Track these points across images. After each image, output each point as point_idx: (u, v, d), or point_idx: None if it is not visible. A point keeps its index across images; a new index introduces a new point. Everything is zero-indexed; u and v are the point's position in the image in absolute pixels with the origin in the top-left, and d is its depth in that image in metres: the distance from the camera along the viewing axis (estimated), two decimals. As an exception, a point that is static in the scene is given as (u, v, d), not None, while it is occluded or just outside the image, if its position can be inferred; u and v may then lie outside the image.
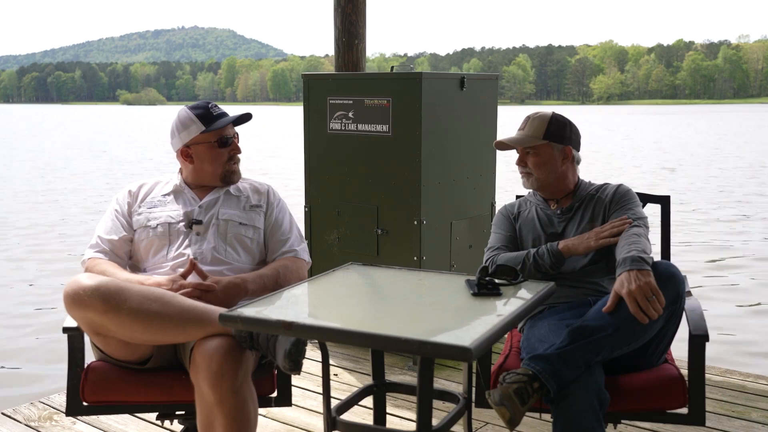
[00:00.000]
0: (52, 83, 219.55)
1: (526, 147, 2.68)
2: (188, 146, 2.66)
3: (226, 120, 2.64)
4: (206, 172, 2.68)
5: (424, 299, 2.21)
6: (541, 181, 2.69)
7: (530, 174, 2.70)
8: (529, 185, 2.74)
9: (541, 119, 2.68)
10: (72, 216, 12.85)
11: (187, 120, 2.64)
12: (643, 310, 2.18)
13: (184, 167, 2.72)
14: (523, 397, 2.13)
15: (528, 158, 2.69)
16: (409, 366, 3.87)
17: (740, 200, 14.41)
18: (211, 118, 2.63)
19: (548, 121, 2.67)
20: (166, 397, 2.36)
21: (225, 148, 2.66)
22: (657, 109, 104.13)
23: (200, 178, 2.70)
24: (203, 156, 2.66)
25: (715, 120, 58.59)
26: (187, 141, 2.64)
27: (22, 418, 3.29)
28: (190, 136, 2.63)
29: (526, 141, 2.67)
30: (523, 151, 2.70)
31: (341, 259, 3.52)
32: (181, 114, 2.66)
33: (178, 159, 2.72)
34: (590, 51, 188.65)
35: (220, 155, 2.66)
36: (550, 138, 2.65)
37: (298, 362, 2.12)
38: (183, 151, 2.67)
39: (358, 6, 4.44)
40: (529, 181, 2.72)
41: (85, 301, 2.18)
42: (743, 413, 3.30)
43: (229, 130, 2.67)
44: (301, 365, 2.14)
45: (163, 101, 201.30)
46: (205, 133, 2.62)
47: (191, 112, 2.64)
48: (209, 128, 2.62)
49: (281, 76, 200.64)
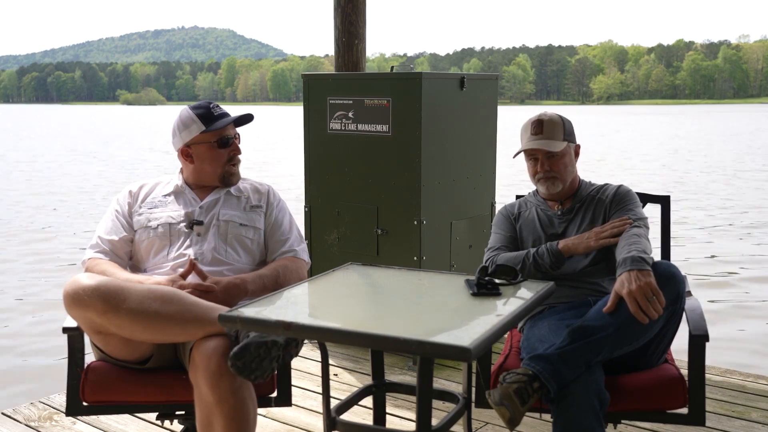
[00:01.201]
0: (52, 83, 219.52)
1: (553, 151, 2.63)
2: (188, 146, 2.66)
3: (226, 120, 2.64)
4: (206, 172, 2.68)
5: (424, 299, 2.21)
6: (566, 182, 2.67)
7: (556, 178, 2.65)
8: (554, 189, 2.67)
9: (555, 121, 2.66)
10: (73, 216, 12.86)
11: (188, 119, 2.64)
12: (644, 310, 2.18)
13: (185, 167, 2.73)
14: (523, 397, 2.13)
15: (553, 162, 2.64)
16: (409, 366, 3.87)
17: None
18: (211, 118, 2.63)
19: (561, 122, 2.67)
20: (166, 397, 2.36)
21: (225, 149, 2.66)
22: (658, 110, 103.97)
23: (200, 178, 2.70)
24: (203, 156, 2.66)
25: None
26: (188, 140, 2.64)
27: (22, 418, 3.29)
28: (191, 136, 2.63)
29: (557, 145, 2.62)
30: (549, 155, 2.64)
31: (341, 259, 3.52)
32: (182, 113, 2.67)
33: (179, 158, 2.72)
34: (590, 51, 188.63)
35: (219, 156, 2.66)
36: (566, 138, 2.66)
37: (237, 367, 2.05)
38: (183, 150, 2.67)
39: (358, 6, 4.43)
40: (555, 185, 2.66)
41: (84, 301, 2.18)
42: (743, 413, 3.30)
43: (229, 130, 2.67)
44: (246, 371, 2.06)
45: (163, 101, 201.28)
46: (206, 133, 2.62)
47: (192, 111, 2.64)
48: (209, 128, 2.62)
49: (281, 76, 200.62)
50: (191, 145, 2.65)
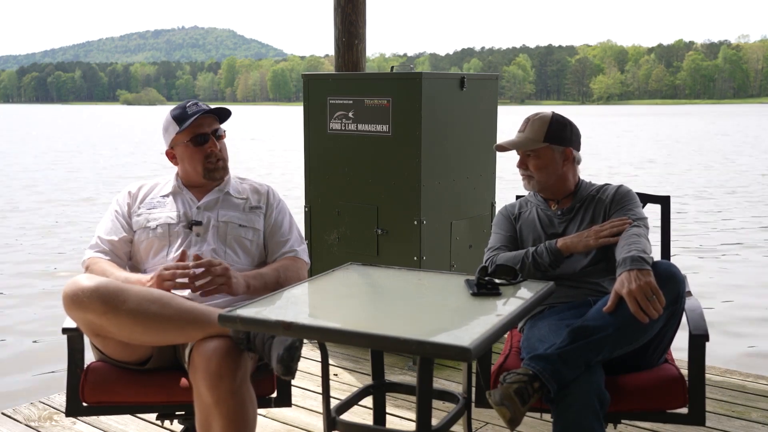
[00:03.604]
0: (52, 83, 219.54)
1: (526, 150, 2.67)
2: (172, 147, 2.67)
3: (193, 118, 2.57)
4: (189, 171, 2.67)
5: (424, 299, 2.21)
6: (542, 183, 2.69)
7: (531, 177, 2.68)
8: (530, 188, 2.73)
9: (542, 121, 2.66)
10: (72, 216, 12.86)
11: (167, 121, 2.64)
12: (644, 309, 2.17)
13: (178, 168, 2.73)
14: (523, 396, 2.13)
15: (529, 161, 2.67)
16: (409, 366, 3.87)
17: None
18: (185, 117, 2.60)
19: (548, 123, 2.64)
20: (166, 397, 2.35)
21: (200, 146, 2.62)
22: (658, 110, 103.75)
23: (188, 177, 2.70)
24: (183, 156, 2.65)
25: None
26: (169, 142, 2.65)
27: (22, 418, 3.29)
28: (170, 138, 2.64)
29: (527, 144, 2.65)
30: (524, 153, 2.68)
31: (341, 259, 3.51)
32: (165, 116, 2.67)
33: (170, 161, 2.74)
34: (590, 51, 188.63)
35: (196, 153, 2.62)
36: (550, 140, 2.64)
37: (290, 367, 2.11)
38: (168, 153, 2.70)
39: (358, 6, 4.43)
40: (530, 183, 2.71)
41: (84, 302, 2.17)
42: (743, 413, 3.30)
43: (204, 128, 2.61)
44: (294, 370, 2.13)
45: (163, 101, 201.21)
46: (180, 134, 2.61)
47: (171, 113, 2.65)
48: (182, 128, 2.59)
49: (281, 76, 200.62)
50: (174, 147, 2.66)
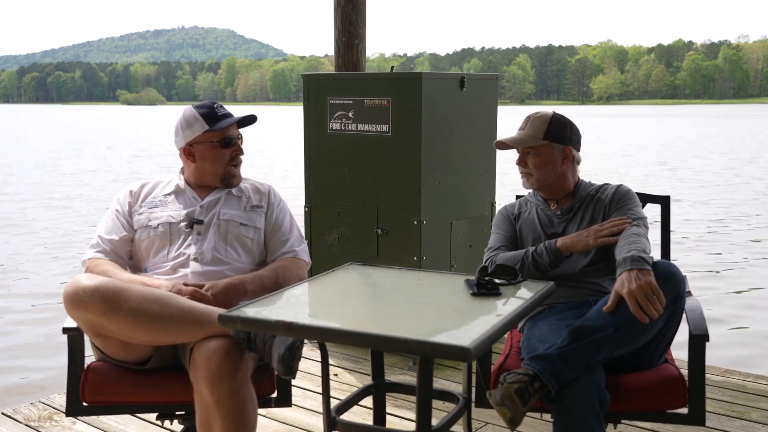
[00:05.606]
0: (52, 83, 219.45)
1: (526, 147, 2.68)
2: (191, 144, 2.66)
3: (230, 120, 2.65)
4: (207, 171, 2.68)
5: (424, 299, 2.21)
6: (541, 181, 2.69)
7: (530, 174, 2.70)
8: (528, 185, 2.74)
9: (542, 119, 2.68)
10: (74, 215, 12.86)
11: (191, 118, 2.65)
12: (644, 309, 2.17)
13: (186, 166, 2.73)
14: (524, 396, 2.13)
15: (528, 158, 2.69)
16: (409, 366, 3.87)
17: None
18: (215, 117, 2.64)
19: (548, 121, 2.66)
20: (166, 397, 2.36)
21: (227, 149, 2.66)
22: (658, 110, 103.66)
23: (201, 177, 2.70)
24: (205, 155, 2.66)
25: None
26: (191, 139, 2.65)
27: (22, 418, 3.29)
28: (194, 135, 2.64)
29: (527, 141, 2.67)
30: (523, 151, 2.70)
31: (341, 259, 3.51)
32: (186, 112, 2.68)
33: (180, 157, 2.73)
34: (590, 51, 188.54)
35: (221, 155, 2.66)
36: (550, 138, 2.65)
37: (291, 367, 2.12)
38: (186, 149, 2.68)
39: (358, 6, 4.43)
40: (529, 181, 2.72)
41: (84, 302, 2.18)
42: (743, 413, 3.30)
43: (232, 131, 2.68)
44: (295, 369, 2.14)
45: (163, 101, 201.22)
46: (209, 133, 2.63)
47: (196, 111, 2.66)
48: (213, 128, 2.62)
49: (281, 76, 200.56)
50: (194, 144, 2.66)
